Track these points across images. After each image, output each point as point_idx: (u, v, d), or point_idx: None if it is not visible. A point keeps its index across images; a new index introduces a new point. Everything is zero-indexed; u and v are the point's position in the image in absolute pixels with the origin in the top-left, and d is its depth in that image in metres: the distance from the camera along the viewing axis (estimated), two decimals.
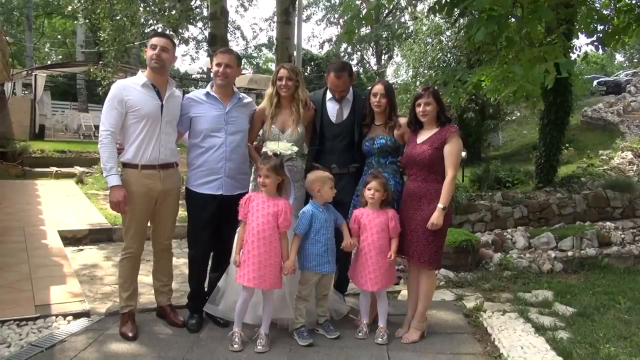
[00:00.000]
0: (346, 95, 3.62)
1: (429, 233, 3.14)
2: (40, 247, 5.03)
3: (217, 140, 3.25)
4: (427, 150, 3.16)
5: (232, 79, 3.32)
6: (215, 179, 3.27)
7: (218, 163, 3.26)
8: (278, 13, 10.73)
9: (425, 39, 15.96)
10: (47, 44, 32.35)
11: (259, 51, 34.12)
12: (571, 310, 3.75)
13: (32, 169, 11.09)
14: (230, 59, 3.28)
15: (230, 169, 3.28)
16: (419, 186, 3.19)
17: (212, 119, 3.26)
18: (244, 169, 3.39)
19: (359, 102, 3.63)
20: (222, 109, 3.29)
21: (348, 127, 3.59)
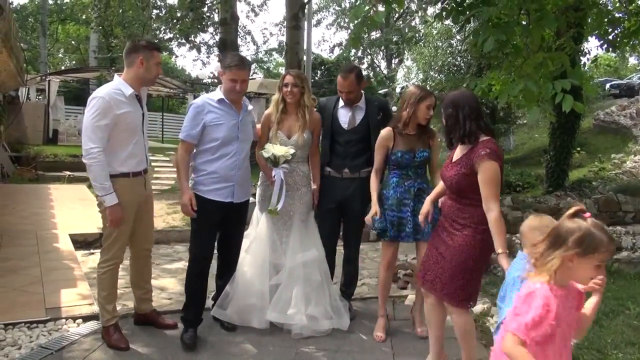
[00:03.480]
0: (358, 102, 3.62)
1: (457, 262, 2.62)
2: (51, 251, 5.11)
3: (231, 149, 3.25)
4: (455, 176, 2.64)
5: (246, 91, 3.33)
6: (227, 187, 3.26)
7: (231, 171, 3.26)
8: (287, 18, 10.84)
9: (435, 43, 15.95)
10: (60, 49, 32.85)
11: (269, 56, 34.31)
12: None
13: (46, 173, 11.24)
14: (245, 74, 3.24)
15: (241, 177, 3.31)
16: (452, 206, 2.70)
17: (229, 128, 3.23)
18: (249, 175, 3.44)
19: (371, 108, 3.64)
20: (236, 117, 3.27)
21: (360, 133, 3.60)
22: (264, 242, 3.47)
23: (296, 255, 3.40)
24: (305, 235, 3.49)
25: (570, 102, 3.75)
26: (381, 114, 3.64)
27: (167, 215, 7.42)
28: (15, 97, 14.38)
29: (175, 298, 4.21)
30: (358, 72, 3.57)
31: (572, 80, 3.91)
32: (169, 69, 34.36)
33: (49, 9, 25.88)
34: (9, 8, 5.72)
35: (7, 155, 11.17)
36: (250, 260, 3.51)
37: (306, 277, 3.39)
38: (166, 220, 7.02)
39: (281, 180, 3.40)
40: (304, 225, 3.52)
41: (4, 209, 7.09)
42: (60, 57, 33.70)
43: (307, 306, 3.36)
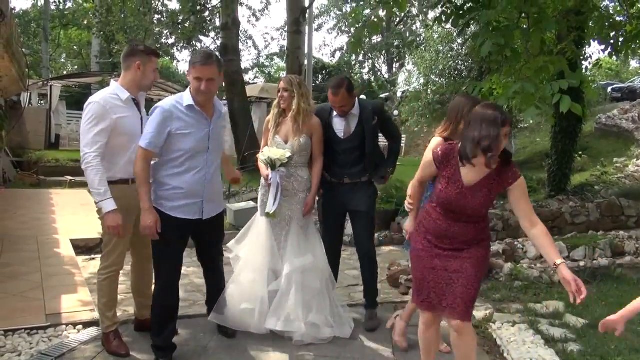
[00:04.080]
0: (351, 110, 3.60)
1: (480, 275, 2.50)
2: (52, 256, 5.10)
3: (200, 162, 2.91)
4: (484, 204, 2.41)
5: (216, 92, 2.94)
6: (194, 203, 2.95)
7: (199, 186, 2.94)
8: (288, 23, 10.88)
9: (436, 47, 15.97)
10: (63, 54, 32.94)
11: (270, 60, 34.39)
12: (582, 321, 3.70)
13: (47, 178, 11.25)
14: (212, 71, 2.80)
15: (210, 191, 3.00)
16: (466, 226, 2.45)
17: (198, 139, 2.88)
18: (220, 188, 3.21)
19: (366, 113, 3.62)
20: (207, 126, 2.92)
21: (356, 141, 3.60)
22: (262, 247, 3.45)
23: (294, 261, 3.37)
24: (303, 241, 3.47)
25: (568, 102, 3.74)
26: (376, 118, 3.61)
27: None
28: (17, 102, 14.40)
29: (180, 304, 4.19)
30: (348, 85, 3.51)
31: (569, 80, 3.90)
32: (171, 74, 34.39)
33: (51, 15, 25.95)
34: (11, 14, 5.74)
35: (9, 160, 11.19)
36: (248, 264, 3.49)
37: (305, 283, 3.37)
38: None
39: (277, 183, 3.39)
40: (303, 231, 3.50)
41: (5, 214, 7.09)
42: (63, 62, 33.79)
43: (307, 314, 3.34)
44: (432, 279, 2.50)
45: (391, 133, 3.81)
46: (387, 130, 3.78)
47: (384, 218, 7.19)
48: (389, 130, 3.79)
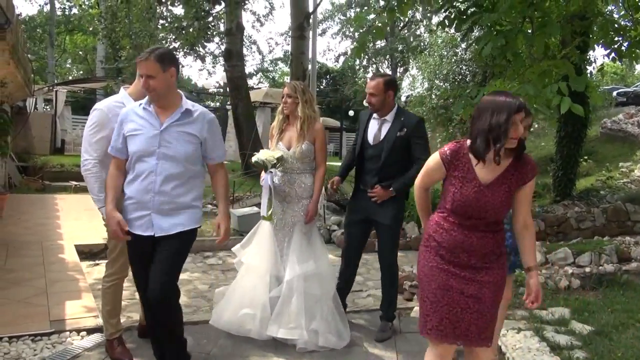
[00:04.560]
0: (386, 115, 3.56)
1: (498, 298, 2.24)
2: (56, 262, 5.12)
3: (145, 167, 2.61)
4: (508, 200, 2.18)
5: (164, 90, 2.60)
6: (143, 216, 2.63)
7: (146, 195, 2.61)
8: (292, 28, 10.90)
9: (440, 52, 15.97)
10: (68, 60, 33.15)
11: (274, 65, 34.49)
12: (588, 328, 3.67)
13: (52, 183, 11.31)
14: (149, 68, 2.53)
15: (161, 203, 2.61)
16: (484, 237, 2.20)
17: (145, 140, 2.61)
18: (185, 203, 2.68)
19: (397, 123, 3.52)
20: (158, 126, 2.63)
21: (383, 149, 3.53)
22: (265, 252, 3.45)
23: (295, 267, 3.36)
24: (306, 248, 3.46)
25: (568, 103, 3.71)
26: (405, 130, 3.47)
27: None
28: (22, 108, 14.50)
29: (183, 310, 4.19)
30: (388, 79, 3.54)
31: (572, 84, 3.89)
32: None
33: (57, 20, 26.16)
34: (17, 20, 5.78)
35: (15, 166, 11.25)
36: (250, 270, 3.49)
37: (307, 290, 3.36)
38: None
39: (269, 186, 3.40)
40: (306, 237, 3.49)
41: (10, 219, 7.12)
42: (68, 67, 34.02)
43: (310, 321, 3.32)
44: (447, 302, 2.18)
45: (415, 153, 3.48)
46: (413, 148, 3.50)
47: None
48: (414, 149, 3.49)
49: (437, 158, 2.24)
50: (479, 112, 2.13)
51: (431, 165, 2.30)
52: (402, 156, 3.50)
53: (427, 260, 2.25)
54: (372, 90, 3.50)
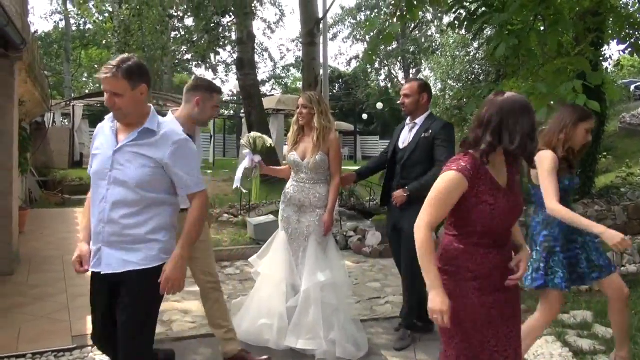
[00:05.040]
0: (416, 118, 3.59)
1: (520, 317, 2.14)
2: (77, 276, 5.10)
3: (100, 191, 2.21)
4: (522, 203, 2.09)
5: (131, 109, 2.20)
6: (97, 250, 2.23)
7: (98, 225, 2.21)
8: (303, 35, 10.95)
9: (452, 52, 15.91)
10: (84, 73, 33.76)
11: (287, 71, 34.66)
12: (612, 332, 3.59)
13: (71, 197, 11.48)
14: (116, 85, 2.14)
15: (110, 234, 2.18)
16: (509, 248, 2.09)
17: (101, 161, 2.23)
18: (139, 236, 2.20)
19: (424, 125, 3.52)
20: (112, 146, 2.21)
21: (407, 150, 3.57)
22: (280, 262, 3.46)
23: (312, 277, 3.37)
24: (322, 257, 3.47)
25: (583, 100, 3.66)
26: (430, 132, 3.46)
27: None
28: (41, 123, 14.80)
29: (199, 322, 4.22)
30: (424, 82, 3.62)
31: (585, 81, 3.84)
32: None
33: (72, 35, 26.68)
34: (33, 39, 5.91)
35: (35, 181, 11.46)
36: (267, 280, 3.51)
37: (323, 300, 3.36)
38: None
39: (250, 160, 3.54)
40: (321, 247, 3.50)
41: (32, 234, 7.25)
42: (84, 81, 34.64)
43: (328, 331, 3.32)
44: (492, 335, 1.98)
45: (435, 155, 3.44)
46: (435, 151, 3.44)
47: None
48: (436, 151, 3.43)
49: (454, 176, 1.90)
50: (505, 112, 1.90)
51: (446, 188, 1.91)
52: (424, 158, 3.46)
53: (463, 297, 1.96)
54: (407, 91, 3.56)
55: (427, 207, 1.92)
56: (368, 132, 31.56)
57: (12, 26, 3.99)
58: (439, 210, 1.92)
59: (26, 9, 6.42)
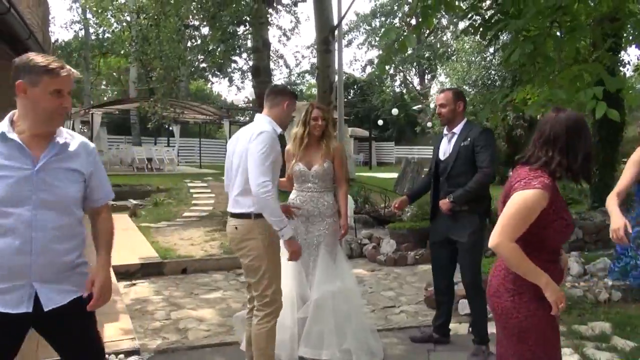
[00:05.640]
0: (454, 127, 3.56)
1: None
2: None
3: (14, 220, 1.82)
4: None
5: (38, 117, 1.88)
6: (12, 287, 1.84)
7: (17, 259, 1.83)
8: (318, 42, 10.97)
9: (468, 57, 15.83)
10: (103, 81, 34.33)
11: (302, 78, 34.78)
12: (631, 344, 3.53)
13: None
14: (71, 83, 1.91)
15: (43, 266, 1.87)
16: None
17: (11, 184, 1.82)
18: (72, 262, 1.97)
19: (463, 134, 3.49)
20: (29, 166, 1.85)
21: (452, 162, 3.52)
22: (288, 273, 3.43)
23: (322, 286, 3.37)
24: (332, 266, 3.47)
25: (603, 108, 3.62)
26: (469, 140, 3.44)
27: (205, 242, 7.55)
28: None
29: (214, 330, 4.26)
30: (458, 91, 3.64)
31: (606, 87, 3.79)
32: (205, 96, 35.29)
33: (91, 44, 27.15)
34: (53, 49, 6.05)
35: None
36: None
37: (335, 308, 3.36)
38: (204, 248, 7.13)
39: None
40: (331, 256, 3.50)
41: None
42: (103, 89, 35.21)
43: (341, 340, 3.32)
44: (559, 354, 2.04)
45: (478, 162, 3.41)
46: (476, 157, 3.42)
47: (419, 236, 7.10)
48: (477, 157, 3.41)
49: (539, 194, 1.85)
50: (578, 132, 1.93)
51: (530, 206, 1.86)
52: (469, 168, 3.43)
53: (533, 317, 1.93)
54: (442, 100, 3.56)
55: (507, 225, 1.87)
56: (383, 138, 31.49)
57: (33, 39, 4.08)
58: (520, 228, 1.87)
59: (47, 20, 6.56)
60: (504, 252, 1.86)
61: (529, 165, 1.96)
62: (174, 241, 7.64)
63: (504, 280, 1.97)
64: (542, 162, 1.93)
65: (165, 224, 9.49)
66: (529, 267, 1.87)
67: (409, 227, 7.30)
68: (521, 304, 1.92)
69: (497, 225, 1.88)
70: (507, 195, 1.95)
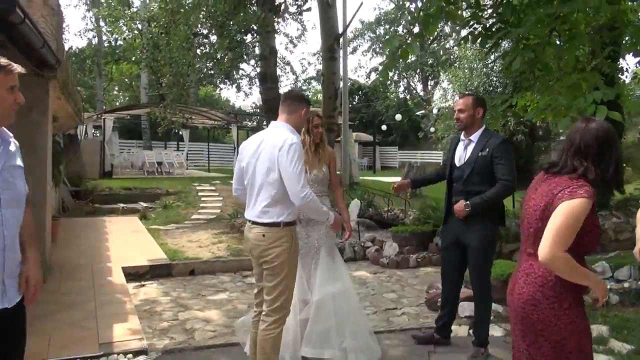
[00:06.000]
0: (472, 135, 3.51)
1: None
2: (105, 285, 5.29)
3: None
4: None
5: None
6: None
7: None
8: (323, 49, 11.02)
9: (470, 64, 15.81)
10: (115, 87, 34.54)
11: (308, 84, 34.84)
12: (628, 347, 3.51)
13: (102, 206, 11.73)
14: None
15: (11, 262, 1.89)
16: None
17: None
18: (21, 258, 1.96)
19: (480, 142, 3.44)
20: None
21: (468, 169, 3.47)
22: None
23: (323, 288, 3.39)
24: (332, 268, 3.51)
25: (604, 112, 3.61)
26: (487, 150, 3.39)
27: (213, 245, 7.57)
28: (73, 135, 15.18)
29: (220, 330, 4.27)
30: (477, 98, 3.57)
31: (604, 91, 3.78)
32: (214, 101, 35.42)
33: (104, 51, 27.35)
34: (67, 56, 6.09)
35: (67, 190, 11.73)
36: None
37: (336, 308, 3.38)
38: (211, 250, 7.15)
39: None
40: (330, 258, 3.54)
41: (64, 242, 7.39)
42: (115, 94, 35.42)
43: (341, 339, 3.33)
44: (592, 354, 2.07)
45: (497, 174, 3.36)
46: (495, 169, 3.37)
47: (421, 239, 7.09)
48: (496, 169, 3.36)
49: (586, 203, 1.84)
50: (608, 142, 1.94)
51: (578, 216, 1.85)
52: (486, 177, 3.39)
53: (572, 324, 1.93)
54: (461, 106, 3.50)
55: (558, 236, 1.82)
56: (387, 142, 31.49)
57: (47, 48, 4.12)
58: (570, 238, 1.84)
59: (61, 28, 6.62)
60: (559, 263, 1.83)
61: (563, 174, 1.95)
62: (182, 243, 7.67)
63: (543, 288, 1.93)
64: (581, 171, 1.91)
65: (174, 227, 9.53)
66: (582, 273, 1.87)
67: (411, 230, 7.29)
68: (561, 311, 1.90)
69: (547, 238, 1.83)
70: (549, 205, 1.90)
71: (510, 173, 3.33)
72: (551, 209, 1.87)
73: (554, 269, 1.86)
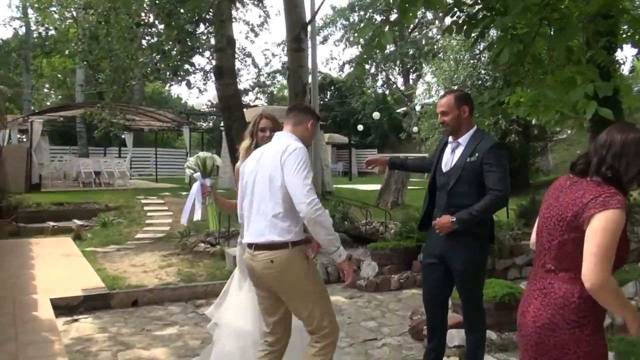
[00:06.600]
0: (459, 137, 3.43)
1: None
2: (30, 321, 5.10)
3: None
4: None
5: None
6: None
7: None
8: (288, 40, 11.02)
9: (455, 55, 16.04)
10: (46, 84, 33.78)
11: (272, 79, 34.85)
12: None
13: (27, 225, 11.37)
14: None
15: None
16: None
17: None
18: None
19: (469, 146, 3.37)
20: None
21: (454, 176, 3.38)
22: (246, 307, 3.34)
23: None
24: None
25: (594, 107, 3.67)
26: (477, 155, 3.31)
27: (161, 269, 7.43)
28: None
29: None
30: (461, 94, 3.49)
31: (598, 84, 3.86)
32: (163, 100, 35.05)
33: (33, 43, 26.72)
34: None
35: None
36: (233, 332, 3.39)
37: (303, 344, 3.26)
38: (159, 276, 7.01)
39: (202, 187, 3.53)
40: None
41: None
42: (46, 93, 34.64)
43: None
44: None
45: (487, 183, 3.29)
46: (485, 177, 3.30)
47: (403, 256, 7.13)
48: (486, 177, 3.29)
49: (622, 215, 1.87)
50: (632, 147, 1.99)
51: (617, 230, 1.86)
52: (474, 186, 3.31)
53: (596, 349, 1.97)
54: (444, 107, 3.41)
55: (601, 258, 1.82)
56: (364, 144, 31.58)
57: None
58: (613, 255, 1.85)
59: None
60: (608, 292, 1.82)
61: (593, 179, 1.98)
62: (124, 268, 7.49)
63: (563, 311, 1.95)
64: (615, 178, 1.95)
65: (114, 248, 9.32)
66: (624, 304, 1.90)
67: (392, 246, 7.30)
68: (582, 337, 1.93)
69: (593, 261, 1.82)
70: (577, 214, 1.92)
71: (502, 182, 3.27)
72: (580, 220, 1.90)
73: (601, 297, 1.85)
